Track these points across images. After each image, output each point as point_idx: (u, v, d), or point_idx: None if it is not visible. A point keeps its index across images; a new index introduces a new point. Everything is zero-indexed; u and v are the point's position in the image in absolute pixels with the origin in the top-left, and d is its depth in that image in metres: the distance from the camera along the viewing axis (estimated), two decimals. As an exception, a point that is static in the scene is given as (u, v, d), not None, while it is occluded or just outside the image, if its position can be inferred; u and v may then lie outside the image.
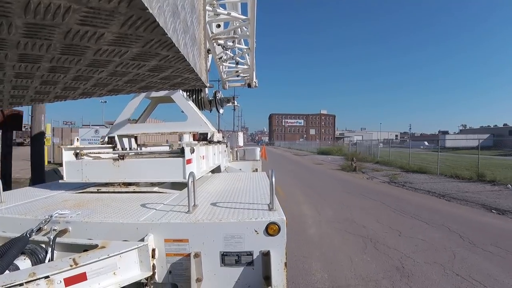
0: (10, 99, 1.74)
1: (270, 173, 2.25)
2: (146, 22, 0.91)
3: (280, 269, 1.87)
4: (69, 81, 1.47)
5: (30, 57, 1.12)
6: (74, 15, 0.84)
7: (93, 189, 3.09)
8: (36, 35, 0.94)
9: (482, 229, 6.17)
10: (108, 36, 0.99)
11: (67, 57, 1.15)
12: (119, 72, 1.37)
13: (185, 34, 1.20)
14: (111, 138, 3.99)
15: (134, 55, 1.18)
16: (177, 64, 1.32)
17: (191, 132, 4.32)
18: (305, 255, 4.70)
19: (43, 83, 1.48)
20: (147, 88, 1.78)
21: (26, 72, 1.29)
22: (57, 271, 1.47)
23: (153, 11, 0.86)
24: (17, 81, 1.42)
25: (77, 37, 0.98)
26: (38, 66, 1.24)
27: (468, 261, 4.47)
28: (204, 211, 2.15)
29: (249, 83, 7.95)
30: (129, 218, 2.03)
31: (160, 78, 1.52)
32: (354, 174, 16.31)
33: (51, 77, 1.39)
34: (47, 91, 1.64)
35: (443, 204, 8.73)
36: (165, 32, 0.98)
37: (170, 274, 1.94)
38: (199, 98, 6.05)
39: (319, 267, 4.29)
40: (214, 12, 4.51)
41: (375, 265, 4.33)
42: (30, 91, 1.60)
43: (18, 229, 1.95)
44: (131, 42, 1.05)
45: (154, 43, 1.07)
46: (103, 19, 0.87)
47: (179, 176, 2.86)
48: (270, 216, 1.97)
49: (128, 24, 0.91)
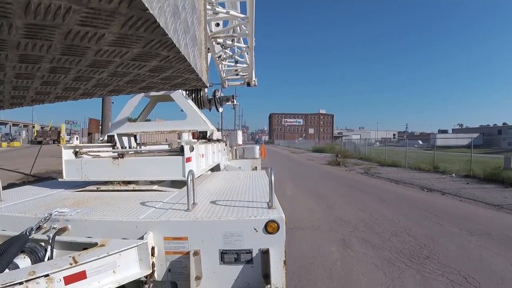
0: (10, 100, 1.74)
1: (269, 171, 2.26)
2: (147, 23, 0.91)
3: (279, 267, 1.87)
4: (70, 81, 1.47)
5: (30, 57, 1.12)
6: (74, 16, 0.83)
7: (92, 187, 3.09)
8: (36, 35, 0.94)
9: (400, 197, 9.26)
10: (109, 36, 0.98)
11: (67, 57, 1.15)
12: (119, 72, 1.37)
13: (186, 35, 1.20)
14: (110, 137, 3.99)
15: (135, 56, 1.18)
16: (177, 65, 1.31)
17: (190, 130, 4.32)
18: (280, 202, 6.36)
19: (43, 83, 1.47)
20: (147, 88, 1.77)
21: (26, 72, 1.29)
22: (56, 269, 1.48)
23: (153, 11, 0.85)
24: (17, 82, 1.41)
25: (77, 37, 0.98)
26: (39, 67, 1.23)
27: (372, 206, 7.99)
28: (204, 209, 2.15)
29: (248, 81, 7.93)
30: (128, 216, 2.03)
31: (161, 78, 1.52)
32: (337, 167, 19.25)
33: (52, 77, 1.39)
34: (47, 92, 1.64)
35: (391, 186, 11.72)
36: (166, 32, 0.97)
37: (169, 272, 1.93)
38: (198, 97, 6.04)
39: (288, 207, 7.76)
40: (213, 10, 4.50)
41: (318, 206, 8.12)
42: (30, 91, 1.60)
43: (18, 227, 1.95)
44: (131, 42, 1.04)
45: (154, 44, 1.07)
46: (104, 19, 0.87)
47: (179, 174, 2.86)
48: (269, 214, 1.97)
49: (128, 24, 0.91)
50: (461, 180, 12.32)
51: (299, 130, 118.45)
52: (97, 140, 4.60)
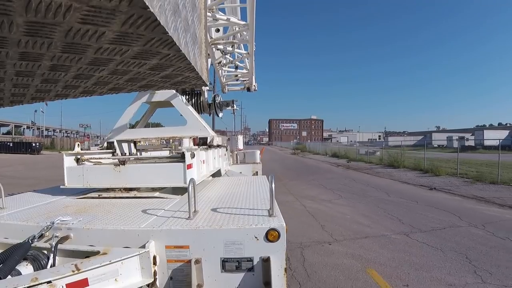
0: (11, 97, 1.74)
1: (269, 178, 2.26)
2: (147, 21, 0.91)
3: (280, 274, 1.87)
4: (70, 79, 1.47)
5: (31, 55, 1.12)
6: (75, 14, 0.84)
7: (94, 194, 3.08)
8: (37, 33, 0.95)
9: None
10: (109, 34, 0.99)
11: (68, 55, 1.15)
12: (120, 70, 1.37)
13: (186, 33, 1.20)
14: (110, 143, 3.96)
15: (135, 54, 1.18)
16: (178, 63, 1.32)
17: (191, 136, 4.29)
18: (266, 159, 15.85)
19: (44, 81, 1.48)
20: (147, 86, 1.77)
21: (27, 70, 1.29)
22: (59, 276, 1.47)
23: (154, 9, 0.86)
24: (18, 79, 1.42)
25: (78, 35, 0.98)
26: (39, 65, 1.24)
27: (290, 160, 30.17)
28: (205, 217, 2.15)
29: (248, 87, 7.91)
30: (130, 224, 2.03)
31: (161, 76, 1.52)
32: (294, 155, 40.00)
33: (52, 75, 1.39)
34: (48, 90, 1.64)
35: (310, 158, 32.01)
36: (166, 30, 0.98)
37: (171, 280, 1.93)
38: (198, 102, 5.99)
39: (268, 163, 20.59)
40: (213, 17, 4.48)
41: (276, 163, 25.54)
42: (31, 89, 1.60)
43: (20, 235, 1.95)
44: (132, 40, 1.05)
45: (155, 42, 1.07)
46: (104, 17, 0.87)
47: (180, 181, 2.85)
48: (270, 222, 1.97)
49: (129, 22, 0.91)
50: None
51: (294, 133, 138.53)
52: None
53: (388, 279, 3.99)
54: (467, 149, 33.64)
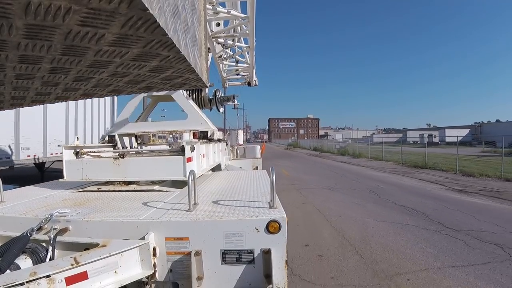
0: (11, 100, 1.74)
1: (270, 171, 2.25)
2: (147, 23, 0.90)
3: (281, 267, 1.86)
4: (70, 82, 1.46)
5: (30, 58, 1.12)
6: (74, 16, 0.83)
7: (93, 187, 3.07)
8: (36, 36, 0.94)
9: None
10: (109, 37, 0.98)
11: (67, 58, 1.15)
12: (119, 72, 1.36)
13: (186, 35, 1.20)
14: (111, 137, 3.98)
15: (135, 56, 1.17)
16: (178, 65, 1.31)
17: (191, 130, 4.30)
18: (266, 152, 19.40)
19: (44, 84, 1.47)
20: (148, 88, 1.77)
21: (26, 73, 1.29)
22: (58, 270, 1.46)
23: (153, 11, 0.85)
24: (17, 82, 1.41)
25: (77, 38, 0.97)
26: (39, 67, 1.23)
27: (285, 153, 39.87)
28: (205, 209, 2.14)
29: (249, 81, 7.91)
30: (129, 216, 2.02)
31: (161, 78, 1.52)
32: (287, 150, 48.05)
33: (52, 78, 1.39)
34: (48, 92, 1.64)
35: (304, 153, 37.78)
36: (166, 32, 0.97)
37: (171, 272, 1.92)
38: (199, 97, 6.03)
39: (269, 153, 33.43)
40: (213, 10, 4.48)
41: (272, 154, 33.29)
42: (31, 92, 1.60)
43: (19, 228, 1.94)
44: (131, 42, 1.04)
45: (154, 44, 1.07)
46: (104, 20, 0.87)
47: (180, 174, 2.84)
48: (270, 214, 1.96)
49: (128, 25, 0.91)
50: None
51: (292, 131, 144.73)
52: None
53: (291, 172, 15.01)
54: (433, 144, 40.91)
